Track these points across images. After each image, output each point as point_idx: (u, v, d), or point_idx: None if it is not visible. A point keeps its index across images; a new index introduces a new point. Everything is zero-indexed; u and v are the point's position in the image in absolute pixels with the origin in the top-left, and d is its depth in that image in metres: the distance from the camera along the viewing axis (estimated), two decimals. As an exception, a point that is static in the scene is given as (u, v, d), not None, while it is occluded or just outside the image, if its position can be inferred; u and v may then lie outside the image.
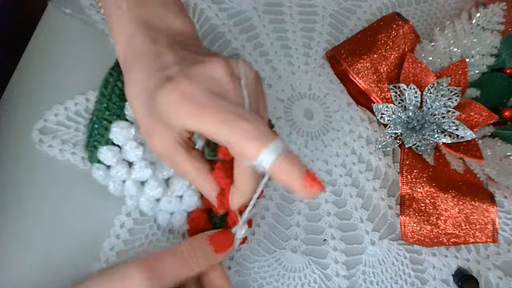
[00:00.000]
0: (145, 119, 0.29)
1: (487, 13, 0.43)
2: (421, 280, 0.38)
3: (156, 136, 0.29)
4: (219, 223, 0.33)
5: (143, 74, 0.28)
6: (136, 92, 0.29)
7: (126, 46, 0.30)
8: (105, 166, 0.34)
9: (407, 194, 0.38)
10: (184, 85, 0.26)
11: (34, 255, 0.34)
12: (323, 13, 0.48)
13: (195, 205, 0.34)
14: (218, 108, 0.25)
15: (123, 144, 0.33)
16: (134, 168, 0.33)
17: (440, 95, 0.41)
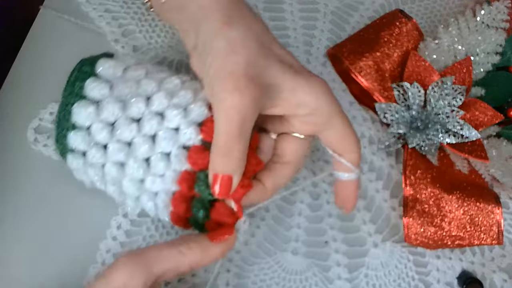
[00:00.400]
0: (247, 67, 0.28)
1: (492, 10, 0.42)
2: (425, 283, 0.37)
3: (250, 88, 0.28)
4: (201, 218, 0.30)
5: (270, 36, 0.30)
6: (252, 40, 0.29)
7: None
8: (80, 154, 0.31)
9: (410, 195, 0.38)
10: (328, 87, 0.31)
11: (28, 255, 0.34)
12: (325, 10, 0.47)
13: (174, 188, 0.31)
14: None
15: (90, 126, 0.31)
16: (108, 150, 0.31)
17: (444, 94, 0.40)
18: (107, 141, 0.30)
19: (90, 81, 0.31)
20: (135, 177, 0.31)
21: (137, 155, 0.30)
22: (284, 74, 0.29)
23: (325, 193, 0.39)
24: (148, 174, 0.31)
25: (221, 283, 0.35)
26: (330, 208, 0.39)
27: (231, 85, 0.27)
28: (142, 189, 0.31)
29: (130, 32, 0.42)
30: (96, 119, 0.30)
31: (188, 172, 0.30)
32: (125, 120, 0.30)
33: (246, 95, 0.27)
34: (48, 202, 0.35)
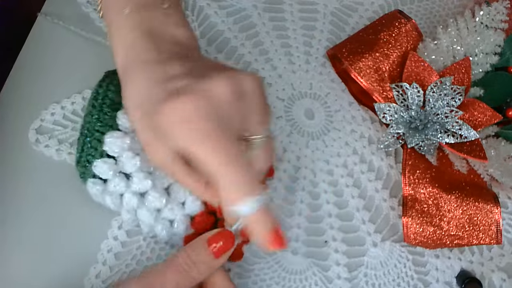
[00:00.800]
0: (144, 129, 0.28)
1: (491, 11, 0.43)
2: (424, 282, 0.38)
3: (154, 147, 0.28)
4: None
5: (145, 83, 0.27)
6: (136, 102, 0.28)
7: (126, 54, 0.29)
8: (101, 181, 0.32)
9: (409, 195, 0.38)
10: (189, 106, 0.25)
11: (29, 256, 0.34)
12: (324, 10, 0.47)
13: (199, 209, 0.33)
14: (218, 143, 0.25)
15: (119, 155, 0.32)
16: (132, 180, 0.32)
17: (443, 94, 0.40)
18: (133, 171, 0.31)
19: (123, 112, 0.32)
20: (154, 207, 0.32)
21: (158, 184, 0.32)
22: (156, 116, 0.27)
23: (325, 193, 0.40)
24: (168, 203, 0.32)
25: (221, 282, 0.35)
26: (329, 208, 0.39)
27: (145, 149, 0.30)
28: (159, 219, 0.32)
29: (130, 33, 0.42)
30: (127, 149, 0.31)
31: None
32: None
33: (155, 153, 0.29)
34: (49, 202, 0.35)
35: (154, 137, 0.28)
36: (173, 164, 0.28)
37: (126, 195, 0.32)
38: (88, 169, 0.32)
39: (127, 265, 0.35)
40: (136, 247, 0.35)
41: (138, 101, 0.27)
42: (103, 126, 0.32)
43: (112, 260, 0.35)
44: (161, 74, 0.27)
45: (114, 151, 0.31)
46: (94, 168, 0.31)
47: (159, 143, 0.28)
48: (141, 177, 0.31)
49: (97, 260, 0.34)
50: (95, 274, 0.34)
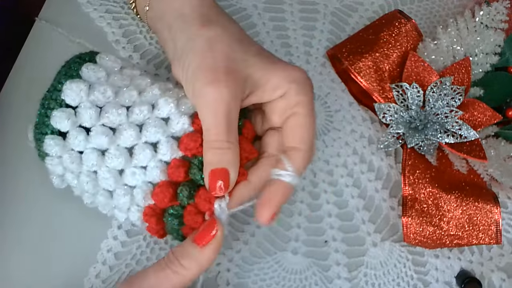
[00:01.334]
0: (226, 61, 0.29)
1: (491, 11, 0.43)
2: (423, 282, 0.38)
3: (231, 81, 0.28)
4: (186, 200, 0.29)
5: (245, 34, 0.32)
6: (229, 38, 0.30)
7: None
8: (60, 137, 0.29)
9: (409, 195, 0.38)
10: (306, 76, 0.30)
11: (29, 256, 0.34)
12: (324, 10, 0.47)
13: (160, 176, 0.30)
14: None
15: (78, 106, 0.29)
16: (91, 134, 0.29)
17: (443, 94, 0.40)
18: (92, 124, 0.29)
19: (89, 65, 0.30)
20: (114, 167, 0.29)
21: (119, 142, 0.29)
22: (260, 64, 0.30)
23: (325, 193, 0.40)
24: (129, 165, 0.29)
25: (221, 282, 0.35)
26: (329, 207, 0.39)
27: (211, 78, 0.28)
28: (120, 182, 0.30)
29: (130, 33, 0.42)
30: (86, 99, 0.29)
31: (179, 160, 0.29)
32: (114, 105, 0.30)
33: (227, 86, 0.28)
34: (49, 201, 0.36)
35: (238, 76, 0.29)
36: (231, 104, 0.29)
37: (85, 152, 0.29)
38: (46, 125, 0.30)
39: (127, 265, 0.35)
40: (136, 246, 0.35)
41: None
42: (66, 77, 0.30)
43: (112, 259, 0.35)
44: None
45: (72, 99, 0.29)
46: (52, 119, 0.29)
47: (238, 81, 0.29)
48: (99, 131, 0.29)
49: (97, 259, 0.35)
50: (95, 274, 0.34)
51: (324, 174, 0.40)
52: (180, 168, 0.29)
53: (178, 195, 0.29)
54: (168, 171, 0.29)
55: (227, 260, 0.36)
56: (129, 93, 0.30)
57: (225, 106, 0.28)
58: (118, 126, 0.30)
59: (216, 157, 0.28)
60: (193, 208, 0.29)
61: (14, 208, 0.35)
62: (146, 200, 0.30)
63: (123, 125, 0.29)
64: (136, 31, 0.42)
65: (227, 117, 0.28)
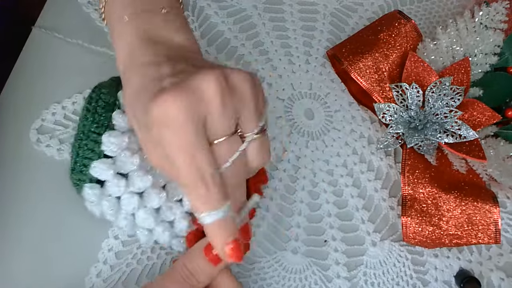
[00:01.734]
0: (140, 128, 0.28)
1: (490, 11, 0.43)
2: (422, 282, 0.38)
3: (150, 146, 0.28)
4: None
5: (139, 83, 0.27)
6: (132, 101, 0.28)
7: (127, 56, 0.29)
8: (98, 185, 0.31)
9: (409, 194, 0.38)
10: (172, 104, 0.25)
11: (30, 255, 0.34)
12: (324, 11, 0.47)
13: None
14: (191, 158, 0.25)
15: (117, 155, 0.31)
16: (131, 180, 0.31)
17: (443, 94, 0.40)
18: (131, 170, 0.31)
19: (119, 112, 0.31)
20: (152, 206, 0.31)
21: (155, 182, 0.31)
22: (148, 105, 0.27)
23: (325, 193, 0.40)
24: (166, 201, 0.31)
25: (221, 281, 0.36)
26: (329, 207, 0.39)
27: None
28: (158, 220, 0.32)
29: (131, 33, 0.42)
30: (125, 149, 0.31)
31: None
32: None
33: None
34: (50, 201, 0.36)
35: (148, 136, 0.28)
36: (169, 163, 0.28)
37: (124, 196, 0.31)
38: (84, 174, 0.31)
39: (127, 264, 0.35)
40: (136, 246, 0.35)
41: (132, 100, 0.28)
42: (99, 127, 0.31)
43: (113, 259, 0.35)
44: (155, 74, 0.27)
45: (112, 150, 0.31)
46: (92, 169, 0.30)
47: (153, 142, 0.28)
48: (141, 174, 0.30)
49: (98, 259, 0.35)
50: (96, 273, 0.34)
51: (323, 173, 0.40)
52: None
53: None
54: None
55: (227, 260, 0.36)
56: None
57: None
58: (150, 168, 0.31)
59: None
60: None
61: (15, 209, 0.35)
62: (189, 227, 0.32)
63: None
64: (136, 31, 0.42)
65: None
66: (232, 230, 0.27)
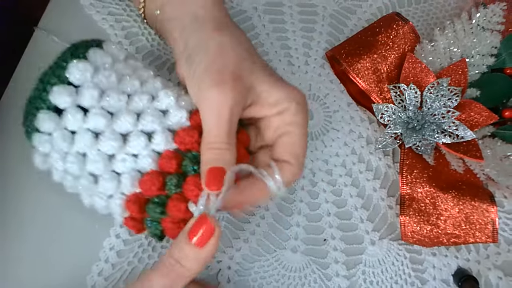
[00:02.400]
0: (236, 67, 0.30)
1: (487, 13, 0.43)
2: (421, 280, 0.38)
3: (237, 86, 0.29)
4: (174, 189, 0.29)
5: (252, 47, 0.32)
6: (240, 47, 0.30)
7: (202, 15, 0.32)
8: (56, 114, 0.29)
9: (407, 194, 0.38)
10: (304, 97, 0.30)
11: (32, 255, 0.35)
12: (323, 13, 0.48)
13: (150, 165, 0.29)
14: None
15: (79, 86, 0.29)
16: (88, 115, 0.29)
17: (440, 95, 0.41)
18: (91, 105, 0.29)
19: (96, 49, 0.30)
20: (106, 151, 0.29)
21: (116, 127, 0.29)
22: (265, 77, 0.30)
23: (324, 192, 0.40)
24: (120, 151, 0.29)
25: (222, 279, 0.36)
26: (328, 206, 0.40)
27: (218, 80, 0.29)
28: (108, 168, 0.29)
29: (133, 35, 0.43)
30: (89, 80, 0.29)
31: (172, 152, 0.30)
32: (116, 90, 0.30)
33: (232, 90, 0.28)
34: (51, 200, 0.36)
35: (246, 83, 0.29)
36: (235, 108, 0.29)
37: (79, 132, 0.29)
38: (44, 99, 0.29)
39: (129, 263, 0.35)
40: (138, 245, 0.36)
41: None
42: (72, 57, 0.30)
43: (114, 257, 0.35)
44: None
45: (75, 77, 0.29)
46: (51, 94, 0.29)
47: (244, 88, 0.29)
48: (98, 112, 0.29)
49: (100, 258, 0.35)
50: (98, 272, 0.35)
51: (323, 173, 0.41)
52: (173, 160, 0.29)
53: (166, 183, 0.29)
54: (160, 161, 0.30)
55: (228, 258, 0.37)
56: (132, 81, 0.31)
57: (229, 110, 0.28)
58: (116, 112, 0.30)
59: (215, 156, 0.29)
60: (178, 197, 0.29)
61: (17, 208, 0.36)
62: (133, 187, 0.29)
63: (122, 111, 0.30)
64: (138, 33, 0.43)
65: (229, 120, 0.29)
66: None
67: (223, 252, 0.37)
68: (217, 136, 0.29)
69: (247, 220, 0.38)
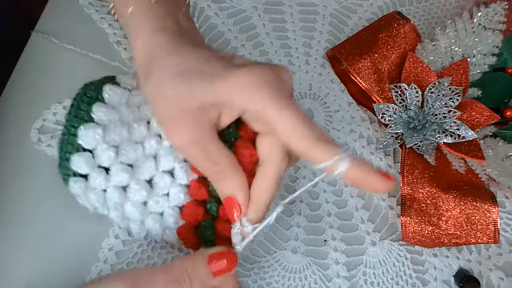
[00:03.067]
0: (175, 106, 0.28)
1: (489, 12, 0.43)
2: (422, 281, 0.38)
3: (186, 123, 0.28)
4: (216, 212, 0.31)
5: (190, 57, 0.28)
6: (169, 80, 0.28)
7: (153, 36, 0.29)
8: (82, 178, 0.31)
9: (408, 194, 0.38)
10: (264, 73, 0.27)
11: (31, 254, 0.34)
12: (324, 12, 0.47)
13: (184, 199, 0.31)
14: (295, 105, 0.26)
15: (94, 149, 0.30)
16: (111, 173, 0.30)
17: (441, 94, 0.40)
18: (110, 164, 0.30)
19: (98, 105, 0.31)
20: (137, 200, 0.31)
21: (139, 177, 0.31)
22: (218, 85, 0.27)
23: (324, 192, 0.40)
24: (151, 195, 0.31)
25: (221, 280, 0.36)
26: (329, 207, 0.39)
27: (171, 130, 0.28)
28: (146, 212, 0.31)
29: (132, 34, 0.42)
30: (102, 141, 0.30)
31: (197, 181, 0.31)
32: (129, 142, 0.31)
33: (187, 130, 0.28)
34: (51, 200, 0.36)
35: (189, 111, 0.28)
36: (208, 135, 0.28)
37: (108, 190, 0.30)
38: (68, 168, 0.31)
39: (128, 264, 0.35)
40: (137, 245, 0.36)
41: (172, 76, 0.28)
42: (78, 120, 0.31)
43: (114, 258, 0.35)
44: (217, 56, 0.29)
45: (88, 143, 0.30)
46: (71, 163, 0.30)
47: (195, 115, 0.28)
48: (118, 169, 0.30)
49: (99, 258, 0.35)
50: (97, 272, 0.34)
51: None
52: (202, 188, 0.31)
53: (208, 209, 0.31)
54: (191, 192, 0.31)
55: (227, 259, 0.36)
56: (140, 129, 0.32)
57: (196, 147, 0.28)
58: (135, 162, 0.31)
59: (220, 187, 0.30)
60: (221, 218, 0.31)
61: (16, 208, 0.36)
62: (177, 222, 0.31)
63: (140, 159, 0.31)
64: (137, 32, 0.42)
65: (203, 153, 0.28)
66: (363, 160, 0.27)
67: (223, 253, 0.36)
68: (206, 170, 0.29)
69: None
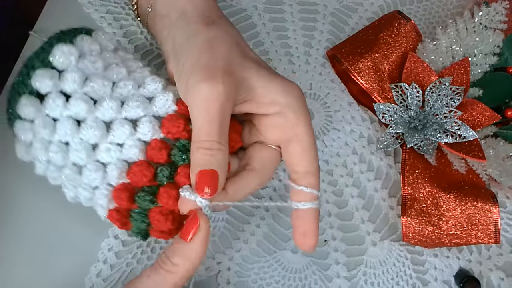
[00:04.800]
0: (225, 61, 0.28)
1: (490, 11, 0.43)
2: (422, 281, 0.38)
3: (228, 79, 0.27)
4: (166, 180, 0.28)
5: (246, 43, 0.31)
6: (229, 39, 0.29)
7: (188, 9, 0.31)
8: (36, 99, 0.27)
9: (408, 194, 0.38)
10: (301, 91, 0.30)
11: (31, 255, 0.34)
12: (324, 11, 0.47)
13: (138, 156, 0.28)
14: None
15: (64, 70, 0.28)
16: (70, 101, 0.27)
17: (442, 94, 0.40)
18: (74, 91, 0.28)
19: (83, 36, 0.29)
20: (88, 139, 0.28)
21: (98, 114, 0.28)
22: (257, 72, 0.29)
23: (324, 193, 0.40)
24: (104, 140, 0.28)
25: (221, 281, 0.36)
26: (329, 207, 0.39)
27: (207, 75, 0.27)
28: (91, 156, 0.28)
29: (131, 34, 0.42)
30: (74, 65, 0.28)
31: (160, 141, 0.28)
32: (101, 76, 0.28)
33: (223, 84, 0.27)
34: (50, 200, 0.36)
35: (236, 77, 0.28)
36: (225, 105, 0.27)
37: (60, 119, 0.27)
38: (26, 83, 0.28)
39: (127, 264, 0.35)
40: (136, 245, 0.35)
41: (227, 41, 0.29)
42: (58, 41, 0.28)
43: (113, 258, 0.35)
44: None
45: (60, 62, 0.28)
46: (33, 78, 0.27)
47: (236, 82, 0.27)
48: (80, 97, 0.27)
49: (98, 258, 0.35)
50: (96, 273, 0.34)
51: (323, 173, 0.40)
52: (163, 150, 0.28)
53: (158, 174, 0.28)
54: (148, 151, 0.28)
55: (228, 259, 0.36)
56: (118, 69, 0.29)
57: (219, 106, 0.27)
58: (100, 99, 0.28)
59: (206, 158, 0.27)
60: (170, 185, 0.28)
61: (15, 208, 0.36)
62: (120, 178, 0.28)
63: (105, 98, 0.28)
64: (137, 31, 0.42)
65: (220, 117, 0.27)
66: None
67: (223, 253, 0.36)
68: (208, 135, 0.27)
69: (247, 221, 0.38)
